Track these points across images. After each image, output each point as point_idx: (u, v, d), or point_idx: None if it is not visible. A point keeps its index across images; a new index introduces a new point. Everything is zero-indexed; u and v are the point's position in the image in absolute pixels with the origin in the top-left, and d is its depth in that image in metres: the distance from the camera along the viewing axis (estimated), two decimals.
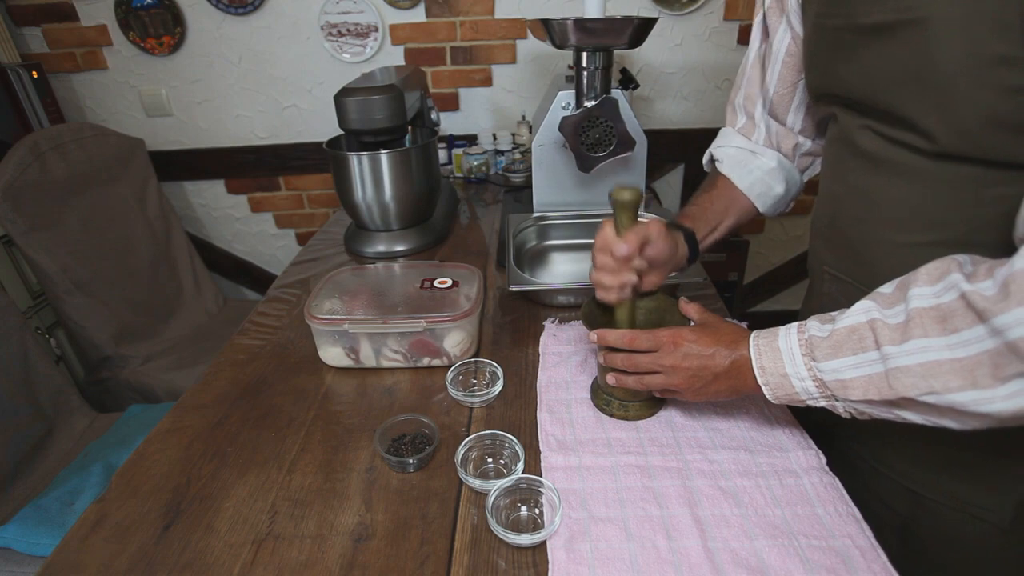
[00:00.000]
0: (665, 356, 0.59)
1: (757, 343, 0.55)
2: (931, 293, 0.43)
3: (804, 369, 0.52)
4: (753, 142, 0.76)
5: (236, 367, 0.81)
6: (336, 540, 0.55)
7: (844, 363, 0.49)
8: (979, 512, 0.56)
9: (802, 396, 0.53)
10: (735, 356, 0.56)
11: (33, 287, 1.55)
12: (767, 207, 0.77)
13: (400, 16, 1.68)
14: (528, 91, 1.79)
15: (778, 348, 0.54)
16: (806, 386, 0.52)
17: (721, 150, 0.79)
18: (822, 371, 0.50)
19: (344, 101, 1.03)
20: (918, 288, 0.44)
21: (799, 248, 2.04)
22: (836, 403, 0.52)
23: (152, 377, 1.51)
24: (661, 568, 0.50)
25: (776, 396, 0.55)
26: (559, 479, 0.59)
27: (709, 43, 1.71)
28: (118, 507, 0.59)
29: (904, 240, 0.54)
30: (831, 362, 0.49)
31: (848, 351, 0.48)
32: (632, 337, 0.60)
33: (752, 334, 0.57)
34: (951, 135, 0.47)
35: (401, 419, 0.66)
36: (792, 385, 0.53)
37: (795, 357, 0.52)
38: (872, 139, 0.55)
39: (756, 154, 0.76)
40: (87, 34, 1.69)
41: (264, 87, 1.77)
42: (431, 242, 1.18)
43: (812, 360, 0.51)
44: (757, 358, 0.55)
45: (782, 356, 0.53)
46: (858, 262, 0.60)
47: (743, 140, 0.77)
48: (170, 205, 1.81)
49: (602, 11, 0.90)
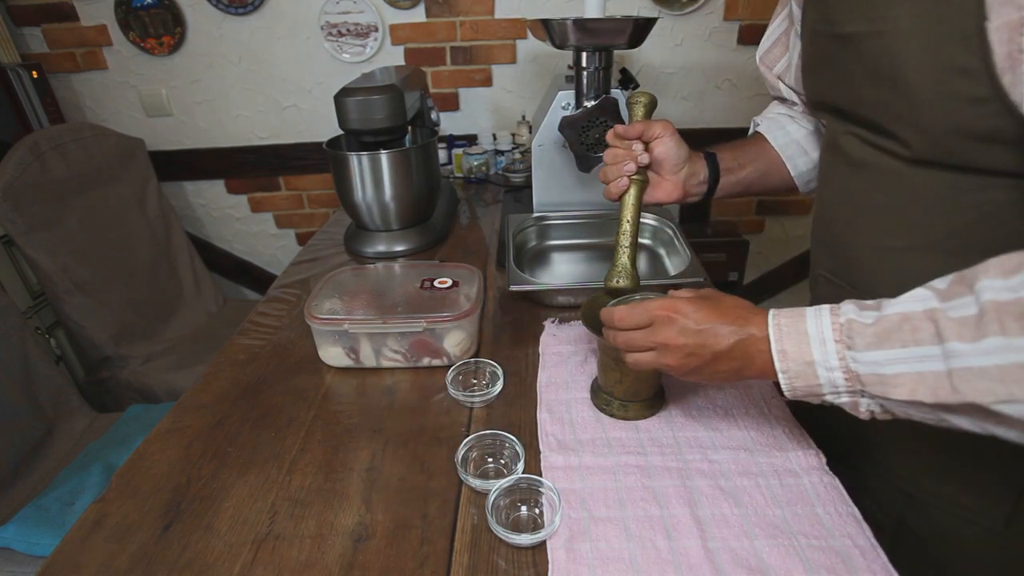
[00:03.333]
0: (658, 331, 0.53)
1: (779, 323, 0.48)
2: (1007, 287, 0.37)
3: (835, 358, 0.45)
4: (794, 111, 0.77)
5: (236, 367, 0.81)
6: (336, 540, 0.55)
7: (890, 355, 0.42)
8: (972, 515, 0.56)
9: (824, 390, 0.46)
10: (742, 335, 0.50)
11: (33, 287, 1.55)
12: (798, 173, 0.77)
13: (400, 16, 1.68)
14: (528, 91, 1.79)
15: (805, 331, 0.46)
16: (833, 378, 0.45)
17: (763, 116, 0.80)
18: (859, 362, 0.43)
19: (344, 101, 1.03)
20: (989, 280, 0.38)
21: (799, 248, 2.04)
22: (862, 399, 0.45)
23: (152, 377, 1.51)
24: (661, 568, 0.50)
25: (793, 387, 0.48)
26: (559, 479, 0.59)
27: (709, 43, 1.71)
28: (118, 507, 0.59)
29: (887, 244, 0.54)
30: (873, 353, 0.43)
31: (897, 342, 0.41)
32: (622, 314, 0.55)
33: (771, 312, 0.50)
34: (923, 143, 0.48)
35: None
36: (816, 375, 0.46)
37: (826, 343, 0.45)
38: (856, 145, 0.56)
39: (794, 119, 0.76)
40: (87, 34, 1.69)
41: (264, 87, 1.77)
42: (431, 242, 1.18)
43: (848, 349, 0.44)
44: (778, 340, 0.48)
45: (810, 341, 0.46)
46: (847, 265, 0.60)
47: (785, 108, 0.78)
48: (170, 205, 1.81)
49: (602, 11, 0.90)
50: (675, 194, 0.69)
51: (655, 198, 0.70)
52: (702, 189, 0.72)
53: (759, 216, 2.01)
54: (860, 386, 0.44)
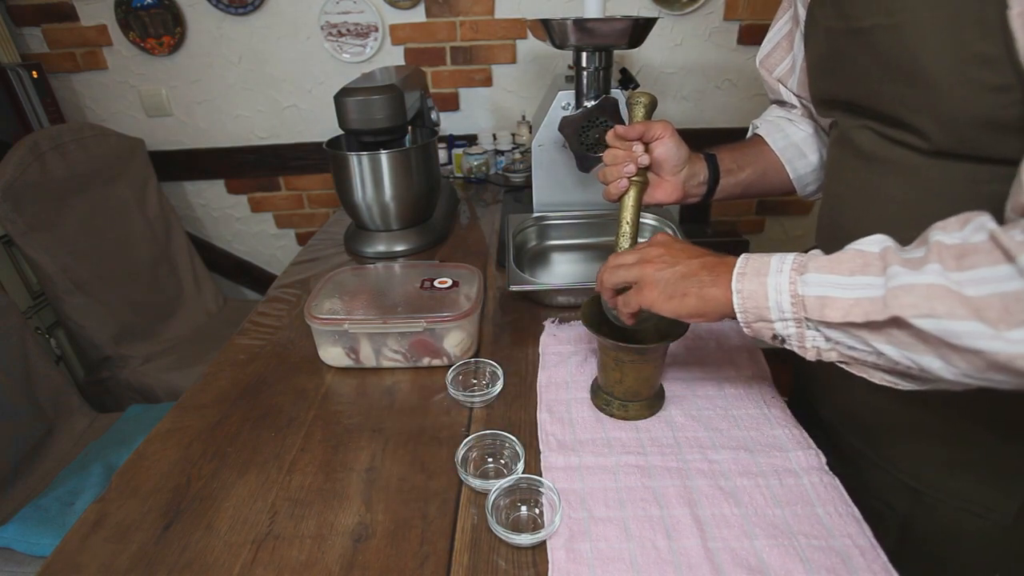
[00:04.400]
0: (646, 247, 0.56)
1: (748, 256, 0.51)
2: (958, 235, 0.40)
3: (786, 280, 0.46)
4: (793, 115, 0.77)
5: (236, 367, 0.81)
6: (336, 540, 0.55)
7: (835, 280, 0.44)
8: (982, 509, 0.56)
9: (773, 315, 0.47)
10: (717, 258, 0.53)
11: (33, 287, 1.55)
12: (797, 176, 0.77)
13: (400, 16, 1.68)
14: (528, 91, 1.79)
15: (768, 262, 0.49)
16: (780, 301, 0.46)
17: (761, 119, 0.81)
18: (805, 283, 0.45)
19: (344, 101, 1.03)
20: (942, 232, 0.41)
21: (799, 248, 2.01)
22: (808, 331, 0.46)
23: (152, 377, 1.51)
24: (661, 568, 0.50)
25: (745, 310, 0.49)
26: (559, 479, 0.59)
27: (709, 43, 1.71)
28: (118, 507, 0.59)
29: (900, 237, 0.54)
30: (819, 275, 0.45)
31: (844, 270, 0.44)
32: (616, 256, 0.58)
33: None
34: (943, 134, 0.47)
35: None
36: (766, 297, 0.47)
37: (783, 271, 0.47)
38: (871, 138, 0.55)
39: (793, 122, 0.77)
40: (87, 34, 1.69)
41: (264, 87, 1.77)
42: (431, 242, 1.18)
43: (799, 274, 0.46)
44: (742, 264, 0.50)
45: (769, 268, 0.48)
46: None
47: (783, 111, 0.78)
48: (170, 205, 1.81)
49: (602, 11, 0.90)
50: (675, 195, 0.69)
51: (655, 199, 0.70)
52: (702, 190, 0.72)
53: (759, 216, 2.01)
54: (804, 312, 0.45)
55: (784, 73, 0.74)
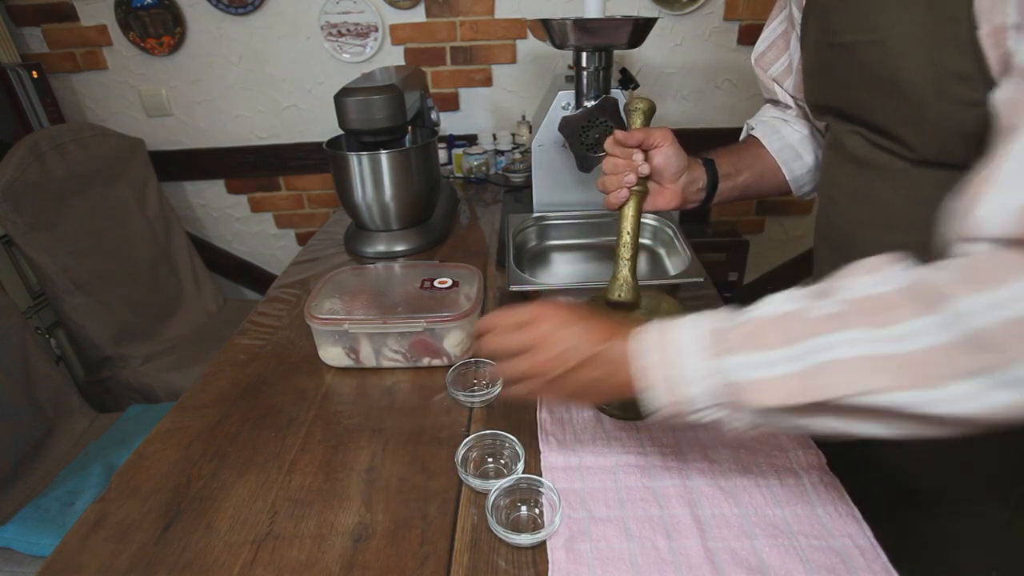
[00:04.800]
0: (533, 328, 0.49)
1: (645, 333, 0.45)
2: (870, 283, 0.38)
3: (704, 365, 0.41)
4: (788, 115, 0.78)
5: (236, 367, 0.81)
6: (336, 540, 0.55)
7: (760, 358, 0.39)
8: (978, 509, 0.56)
9: (694, 405, 0.42)
10: (612, 346, 0.46)
11: (33, 287, 1.55)
12: (793, 178, 0.77)
13: (400, 16, 1.68)
14: (528, 91, 1.79)
15: (674, 340, 0.43)
16: (700, 390, 0.41)
17: (757, 119, 0.81)
18: (728, 368, 0.40)
19: (344, 101, 1.03)
20: (853, 279, 0.39)
21: (799, 248, 2.04)
22: (737, 414, 0.41)
23: (152, 377, 1.51)
24: (661, 568, 0.50)
25: (659, 403, 0.44)
26: (559, 479, 0.59)
27: (709, 43, 1.71)
28: (118, 507, 0.59)
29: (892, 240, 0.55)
30: (742, 356, 0.40)
31: (766, 345, 0.39)
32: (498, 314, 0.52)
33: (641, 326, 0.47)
34: (925, 144, 0.49)
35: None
36: (685, 388, 0.42)
37: (698, 352, 0.42)
38: (861, 144, 0.56)
39: (788, 123, 0.77)
40: (87, 34, 1.69)
41: (264, 87, 1.77)
42: (431, 242, 1.18)
43: (716, 357, 0.41)
44: (642, 354, 0.44)
45: (679, 350, 0.42)
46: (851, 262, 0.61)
47: (778, 111, 0.79)
48: (170, 205, 1.81)
49: (602, 11, 0.90)
50: (674, 202, 0.69)
51: (655, 206, 0.69)
52: (700, 196, 0.72)
53: (759, 216, 2.01)
54: (733, 396, 0.41)
55: (780, 73, 0.74)
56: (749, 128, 0.81)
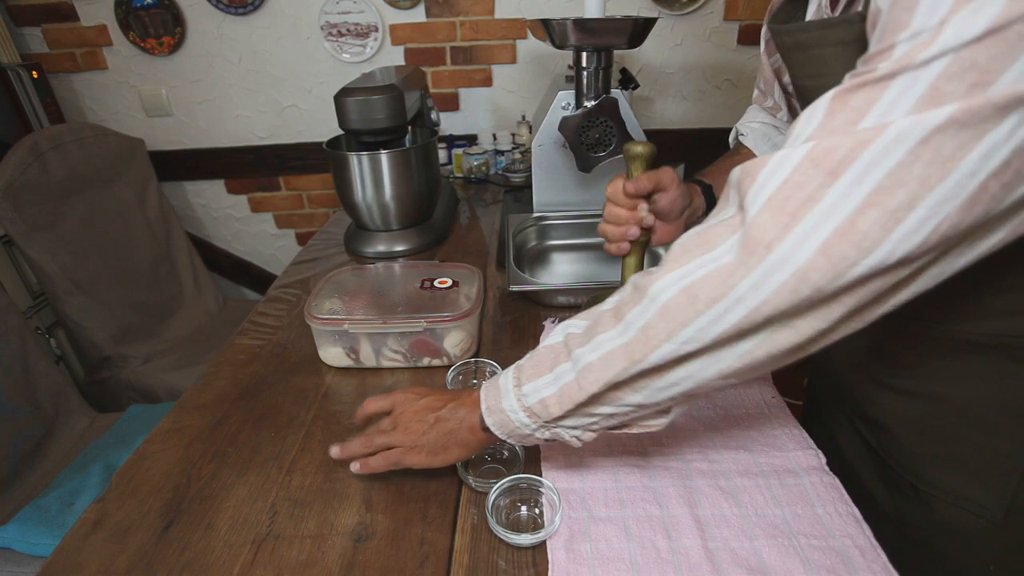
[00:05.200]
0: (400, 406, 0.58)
1: (486, 385, 0.54)
2: (616, 298, 0.47)
3: (515, 399, 0.50)
4: (778, 119, 0.77)
5: (236, 367, 0.81)
6: (336, 540, 0.55)
7: (542, 382, 0.49)
8: (972, 506, 0.56)
9: (525, 431, 0.51)
10: (462, 399, 0.55)
11: (33, 287, 1.55)
12: None
13: (400, 16, 1.68)
14: (528, 91, 1.79)
15: (498, 384, 0.52)
16: (521, 419, 0.50)
17: (746, 125, 0.80)
18: (525, 395, 0.49)
19: (344, 101, 1.03)
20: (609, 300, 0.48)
21: None
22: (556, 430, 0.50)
23: (152, 377, 1.51)
24: (661, 568, 0.50)
25: (509, 436, 0.52)
26: (559, 479, 0.59)
27: (709, 43, 1.71)
28: (118, 507, 0.59)
29: None
30: (531, 383, 0.49)
31: (545, 369, 0.49)
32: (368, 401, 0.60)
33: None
34: None
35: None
36: (512, 420, 0.50)
37: (509, 391, 0.51)
38: None
39: (779, 129, 0.76)
40: (87, 34, 1.69)
41: (264, 87, 1.77)
42: (431, 242, 1.18)
43: (518, 388, 0.50)
44: (484, 399, 0.53)
45: (500, 391, 0.52)
46: None
47: (768, 116, 0.78)
48: (170, 205, 1.81)
49: (602, 11, 0.90)
50: (676, 234, 0.68)
51: (660, 241, 0.68)
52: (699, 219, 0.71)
53: None
54: (538, 417, 0.49)
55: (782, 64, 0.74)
56: (739, 134, 0.80)
